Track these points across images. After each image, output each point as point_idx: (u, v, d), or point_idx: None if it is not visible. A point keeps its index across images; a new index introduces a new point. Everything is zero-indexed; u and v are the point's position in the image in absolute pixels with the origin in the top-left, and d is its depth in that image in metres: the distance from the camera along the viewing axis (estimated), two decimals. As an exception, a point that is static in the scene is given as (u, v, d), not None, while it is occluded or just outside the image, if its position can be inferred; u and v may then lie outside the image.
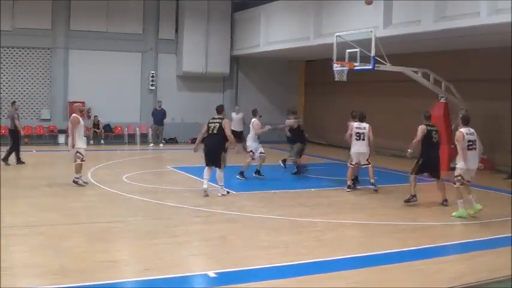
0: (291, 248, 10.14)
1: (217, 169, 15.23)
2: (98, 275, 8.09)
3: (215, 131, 15.12)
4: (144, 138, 30.29)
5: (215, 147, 15.14)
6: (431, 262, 9.54)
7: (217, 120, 15.26)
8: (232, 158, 18.22)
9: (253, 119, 18.62)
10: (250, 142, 18.50)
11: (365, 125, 16.75)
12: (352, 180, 16.93)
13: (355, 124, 16.87)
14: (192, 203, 13.91)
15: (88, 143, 27.12)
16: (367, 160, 16.75)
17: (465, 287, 8.23)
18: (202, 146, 15.47)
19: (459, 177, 13.40)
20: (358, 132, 16.67)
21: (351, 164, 16.76)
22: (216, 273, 8.43)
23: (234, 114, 27.26)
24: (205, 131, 15.46)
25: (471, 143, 13.51)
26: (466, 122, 14.01)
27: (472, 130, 13.71)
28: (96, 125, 29.07)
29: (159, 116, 29.41)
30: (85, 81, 28.92)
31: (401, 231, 11.91)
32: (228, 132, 15.25)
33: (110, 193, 15.12)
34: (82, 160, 15.98)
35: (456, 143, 13.65)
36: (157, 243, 10.08)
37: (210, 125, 15.29)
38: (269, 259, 9.28)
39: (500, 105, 22.43)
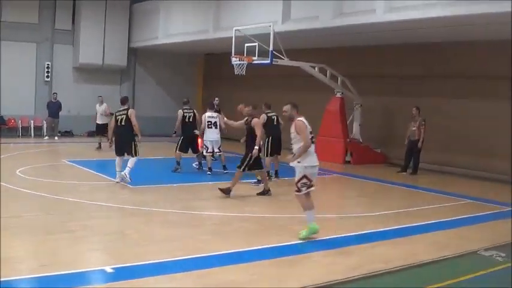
0: (188, 242, 10.13)
1: (130, 157, 15.72)
2: (-10, 272, 7.88)
3: (123, 123, 15.65)
4: (38, 131, 29.58)
5: (125, 138, 15.70)
6: (328, 253, 9.74)
7: (123, 112, 15.72)
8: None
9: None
10: (218, 137, 18.45)
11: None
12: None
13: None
14: (89, 198, 13.66)
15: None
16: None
17: (361, 278, 8.44)
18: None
19: (305, 180, 10.53)
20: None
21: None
22: (113, 268, 8.32)
23: (97, 106, 25.53)
24: (114, 124, 15.84)
25: (312, 136, 10.66)
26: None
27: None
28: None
29: (54, 108, 28.67)
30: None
31: (298, 223, 12.05)
32: (134, 122, 15.59)
33: (4, 187, 14.67)
34: None
35: (297, 134, 10.45)
36: (53, 239, 9.86)
37: (117, 117, 15.73)
38: (167, 253, 9.21)
39: (392, 100, 23.11)
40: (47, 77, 30.16)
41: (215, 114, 18.30)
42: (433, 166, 21.58)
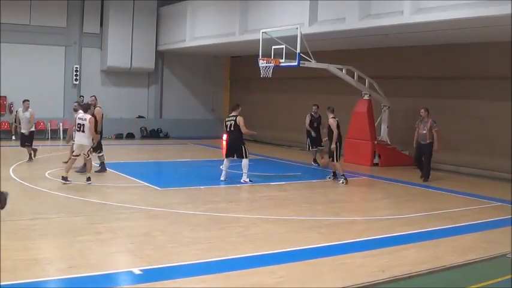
0: (215, 244, 10.14)
1: (242, 159, 17.07)
2: (20, 273, 7.91)
3: (232, 128, 17.07)
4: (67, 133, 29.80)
5: (234, 142, 17.12)
6: (356, 256, 9.70)
7: (232, 118, 17.06)
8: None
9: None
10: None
11: None
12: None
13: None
14: (116, 200, 13.76)
15: (10, 139, 26.79)
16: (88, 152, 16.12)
17: (388, 281, 8.41)
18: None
19: None
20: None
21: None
22: (141, 270, 8.38)
23: (20, 112, 21.87)
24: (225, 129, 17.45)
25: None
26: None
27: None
28: (18, 119, 28.43)
29: None
30: (6, 75, 28.13)
31: (325, 226, 12.06)
32: (243, 128, 17.04)
33: (32, 189, 14.84)
34: None
35: None
36: (81, 241, 9.93)
37: (226, 123, 17.15)
38: (194, 255, 9.25)
39: (420, 102, 22.93)
40: (76, 80, 30.42)
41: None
42: (460, 168, 21.43)
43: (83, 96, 28.77)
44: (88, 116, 15.92)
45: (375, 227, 12.15)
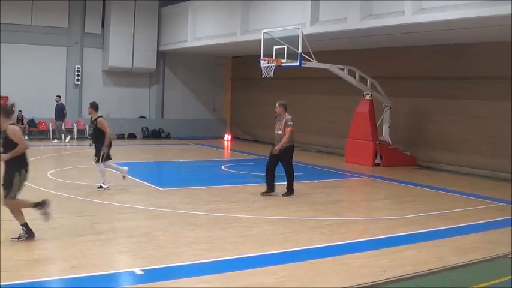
0: (217, 244, 10.13)
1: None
2: (22, 273, 7.91)
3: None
4: (68, 133, 29.79)
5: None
6: (357, 256, 9.68)
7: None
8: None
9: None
10: None
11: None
12: None
13: None
14: (118, 200, 13.78)
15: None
16: None
17: (390, 281, 8.40)
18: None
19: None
20: None
21: None
22: (142, 270, 8.38)
23: None
24: None
25: None
26: None
27: None
28: (20, 120, 28.47)
29: (55, 110, 28.53)
30: (8, 76, 28.17)
31: (326, 226, 12.05)
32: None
33: (34, 190, 14.77)
34: None
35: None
36: (82, 241, 9.92)
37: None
38: (195, 255, 9.25)
39: (422, 102, 22.95)
40: (77, 80, 30.44)
41: None
42: (461, 168, 21.41)
43: (58, 96, 28.69)
44: None
45: (376, 227, 12.13)
